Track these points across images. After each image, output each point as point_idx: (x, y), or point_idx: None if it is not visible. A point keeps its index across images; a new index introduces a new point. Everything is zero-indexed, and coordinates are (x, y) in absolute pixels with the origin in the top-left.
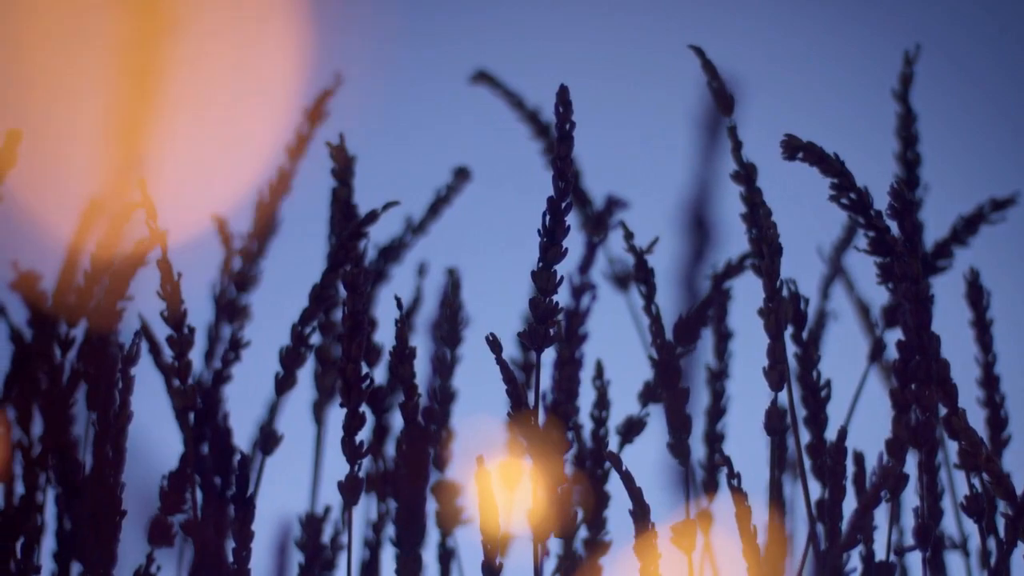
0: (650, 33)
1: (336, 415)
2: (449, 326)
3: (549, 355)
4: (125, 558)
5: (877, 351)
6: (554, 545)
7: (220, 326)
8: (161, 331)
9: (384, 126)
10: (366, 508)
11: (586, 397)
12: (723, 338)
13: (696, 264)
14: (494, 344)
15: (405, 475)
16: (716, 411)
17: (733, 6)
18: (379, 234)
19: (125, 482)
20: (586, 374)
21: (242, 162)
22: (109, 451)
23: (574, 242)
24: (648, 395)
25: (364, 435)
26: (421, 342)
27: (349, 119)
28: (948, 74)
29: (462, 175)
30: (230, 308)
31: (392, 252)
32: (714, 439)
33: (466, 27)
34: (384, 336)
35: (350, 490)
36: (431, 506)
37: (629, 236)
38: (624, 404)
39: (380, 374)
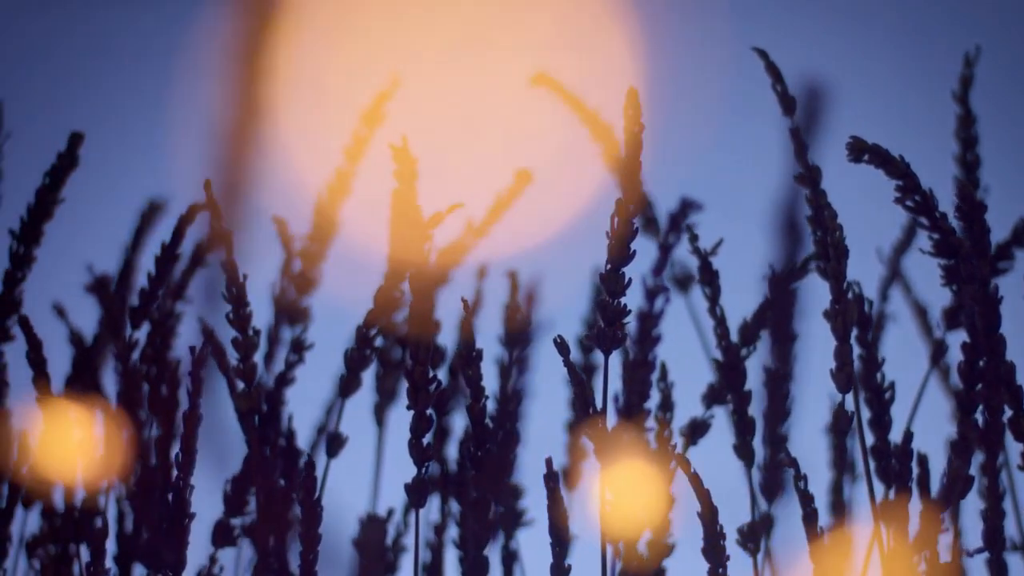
0: (715, 36)
1: (396, 416)
2: (508, 329)
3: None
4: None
5: (939, 353)
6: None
7: (279, 328)
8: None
9: (441, 127)
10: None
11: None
12: (786, 340)
13: (789, 266)
14: (562, 346)
15: (475, 477)
16: (779, 413)
17: (794, 7)
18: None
19: (194, 485)
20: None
21: (302, 164)
22: (178, 453)
23: (643, 244)
24: (713, 397)
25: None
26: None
27: (406, 121)
28: (1008, 76)
29: (524, 177)
30: (291, 310)
31: (453, 255)
32: (777, 441)
33: (524, 28)
34: (443, 338)
35: (417, 492)
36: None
37: (694, 238)
38: (686, 406)
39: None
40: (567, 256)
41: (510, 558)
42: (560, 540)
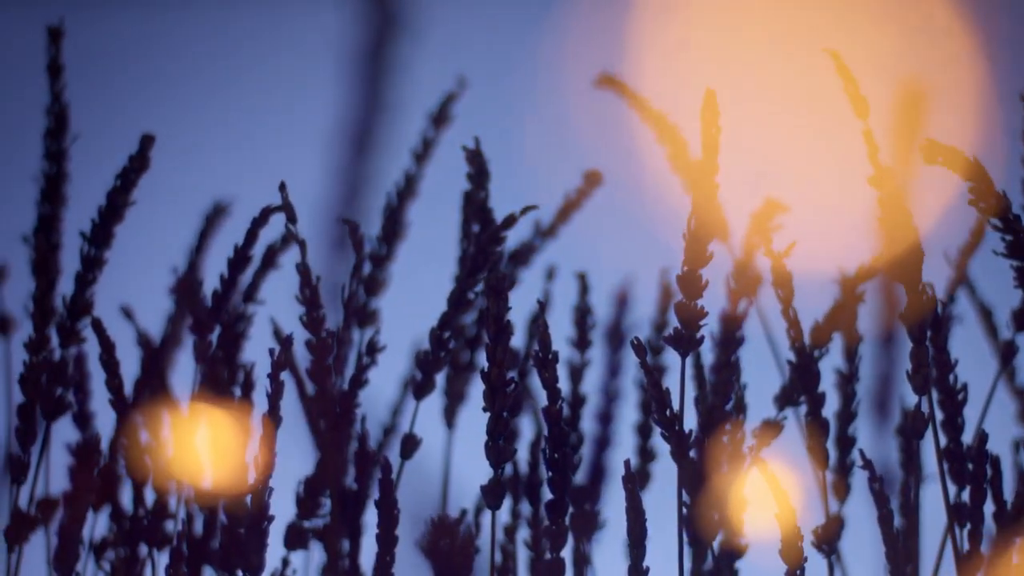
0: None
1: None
2: (579, 330)
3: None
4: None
5: (1008, 355)
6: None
7: (348, 330)
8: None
9: (506, 129)
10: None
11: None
12: (852, 341)
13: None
14: (639, 349)
15: (552, 479)
16: (847, 414)
17: (856, 8)
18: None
19: (273, 487)
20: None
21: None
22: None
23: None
24: (785, 399)
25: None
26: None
27: (473, 122)
28: None
29: (593, 179)
30: (360, 312)
31: (522, 256)
32: (846, 442)
33: (592, 29)
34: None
35: (494, 494)
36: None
37: (749, 238)
38: (756, 408)
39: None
40: (634, 257)
41: (582, 560)
42: (638, 542)
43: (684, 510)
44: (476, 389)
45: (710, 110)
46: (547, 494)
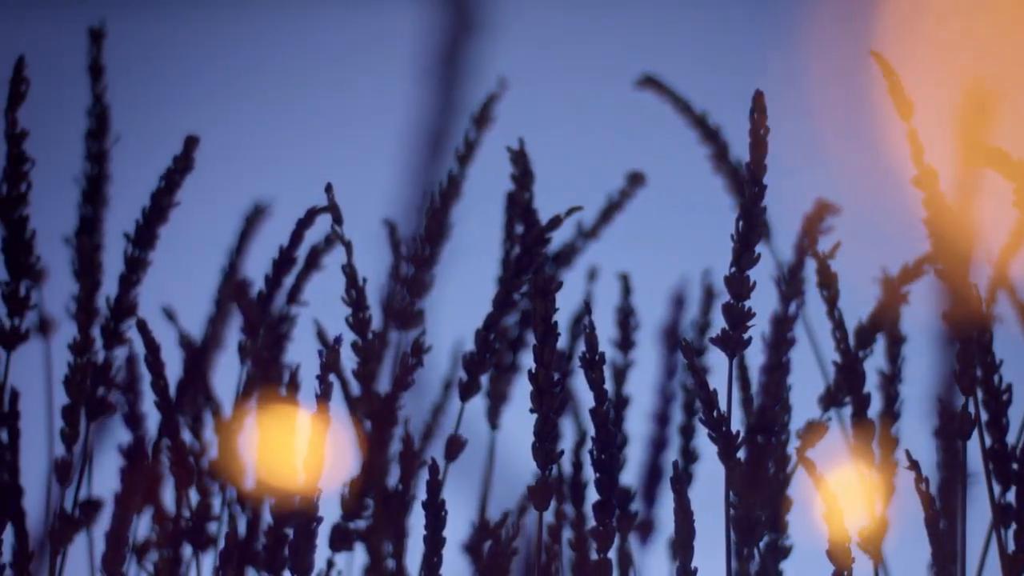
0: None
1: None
2: (622, 331)
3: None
4: None
5: None
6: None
7: (388, 332)
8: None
9: (546, 130)
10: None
11: None
12: (896, 342)
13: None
14: (687, 350)
15: (599, 480)
16: (890, 415)
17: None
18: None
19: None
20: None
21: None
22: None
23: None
24: (830, 400)
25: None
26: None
27: (515, 123)
28: None
29: (636, 180)
30: (403, 314)
31: (564, 257)
32: (888, 443)
33: (632, 30)
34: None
35: (541, 495)
36: None
37: (800, 240)
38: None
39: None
40: (676, 259)
41: (626, 560)
42: (686, 543)
43: (732, 511)
44: (519, 390)
45: (759, 111)
46: (593, 495)
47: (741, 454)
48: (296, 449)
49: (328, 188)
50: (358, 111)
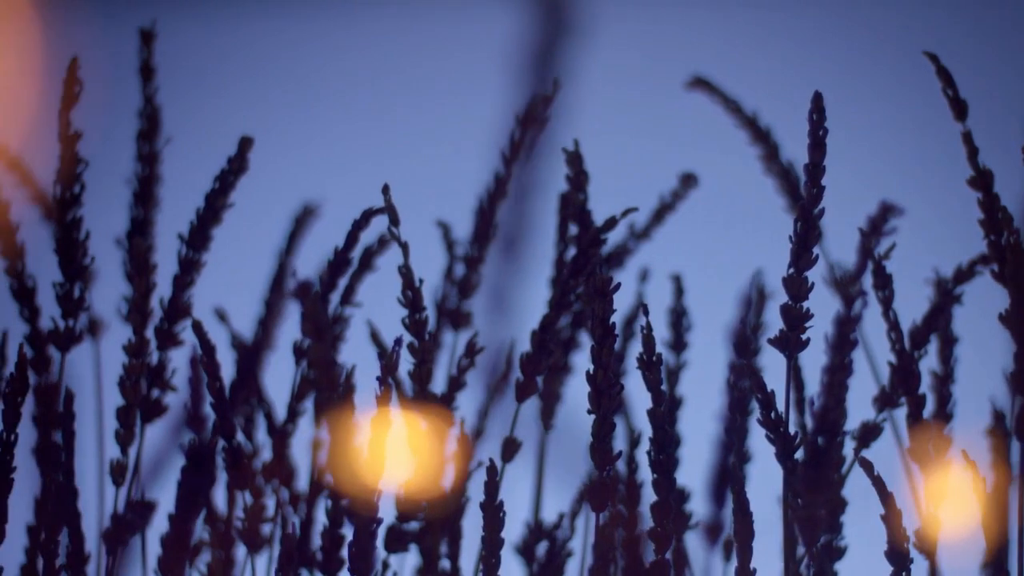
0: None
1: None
2: (674, 332)
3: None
4: None
5: None
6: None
7: (440, 332)
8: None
9: (594, 130)
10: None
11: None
12: (948, 343)
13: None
14: (745, 350)
15: (656, 481)
16: (943, 416)
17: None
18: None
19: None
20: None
21: (462, 168)
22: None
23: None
24: (884, 401)
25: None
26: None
27: (563, 124)
28: None
29: (689, 181)
30: (453, 315)
31: (616, 258)
32: (942, 444)
33: (677, 31)
34: None
35: (599, 496)
36: None
37: (865, 241)
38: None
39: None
40: (727, 259)
41: (681, 560)
42: (745, 543)
43: (789, 511)
44: (570, 390)
45: (818, 112)
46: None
47: (798, 455)
48: (353, 450)
49: (385, 189)
50: (424, 113)
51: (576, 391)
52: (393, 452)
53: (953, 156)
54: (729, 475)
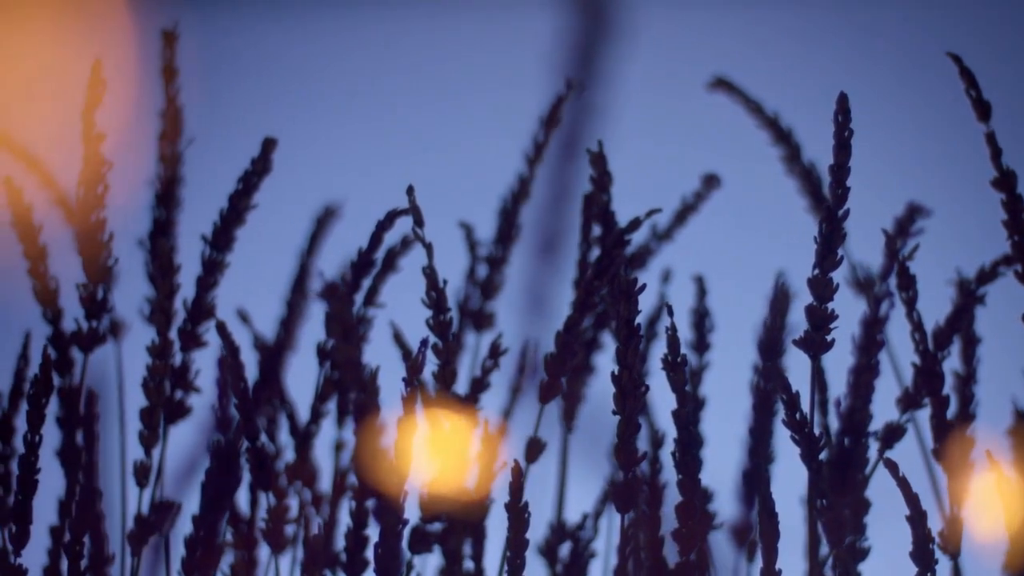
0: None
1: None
2: (697, 333)
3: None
4: None
5: None
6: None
7: (463, 333)
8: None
9: (618, 131)
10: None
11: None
12: (971, 344)
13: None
14: (768, 351)
15: (681, 482)
16: (965, 416)
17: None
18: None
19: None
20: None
21: (485, 169)
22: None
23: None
24: (908, 402)
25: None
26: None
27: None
28: None
29: (711, 182)
30: (476, 316)
31: (638, 259)
32: (965, 444)
33: (702, 33)
34: None
35: (625, 496)
36: None
37: (892, 242)
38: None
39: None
40: (749, 260)
41: (704, 561)
42: (771, 545)
43: (815, 512)
44: (592, 391)
45: (843, 113)
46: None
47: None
48: (379, 451)
49: (410, 190)
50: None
51: (598, 392)
52: (418, 453)
53: (976, 157)
54: (755, 476)
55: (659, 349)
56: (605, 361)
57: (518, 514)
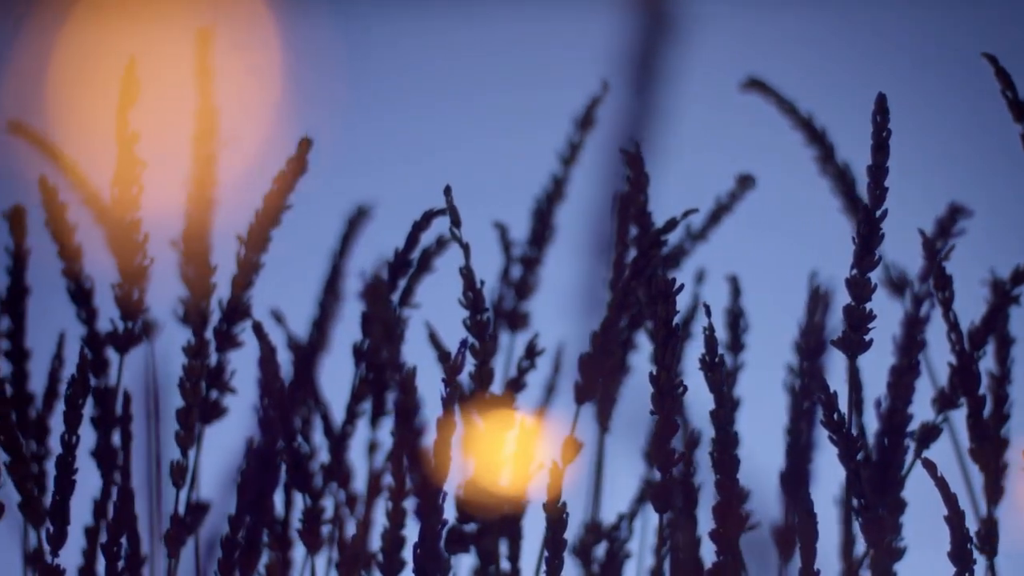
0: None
1: None
2: (732, 333)
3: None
4: None
5: None
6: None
7: (497, 334)
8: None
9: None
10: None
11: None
12: (1005, 344)
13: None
14: (805, 351)
15: (719, 482)
16: (999, 416)
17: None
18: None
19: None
20: (873, 380)
21: (518, 170)
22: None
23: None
24: (944, 402)
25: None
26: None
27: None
28: None
29: (746, 182)
30: (511, 316)
31: (672, 259)
32: (999, 444)
33: (733, 33)
34: None
35: (662, 497)
36: None
37: (931, 243)
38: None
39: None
40: (782, 261)
41: (738, 562)
42: (809, 545)
43: (851, 512)
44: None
45: (881, 113)
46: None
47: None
48: (419, 451)
49: (447, 191)
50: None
51: (633, 392)
52: (456, 453)
53: (1010, 157)
54: (794, 476)
55: (693, 350)
56: (639, 361)
57: (557, 514)
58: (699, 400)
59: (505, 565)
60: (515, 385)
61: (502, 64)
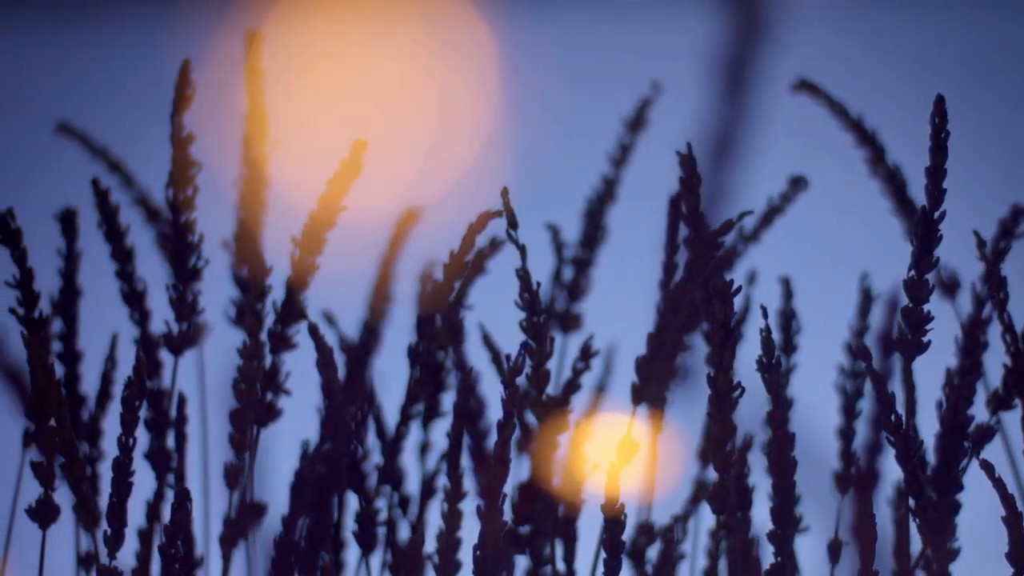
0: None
1: None
2: (784, 335)
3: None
4: None
5: None
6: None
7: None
8: None
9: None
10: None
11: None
12: None
13: None
14: (863, 352)
15: (775, 484)
16: None
17: None
18: None
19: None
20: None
21: (570, 172)
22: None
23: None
24: (998, 403)
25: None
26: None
27: (669, 127)
28: None
29: (798, 184)
30: (563, 318)
31: (725, 261)
32: None
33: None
34: None
35: (720, 499)
36: None
37: (982, 244)
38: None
39: None
40: (833, 262)
41: (791, 564)
42: (868, 546)
43: (907, 513)
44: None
45: (939, 115)
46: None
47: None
48: (480, 453)
49: (504, 192)
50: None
51: (686, 393)
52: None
53: None
54: (877, 476)
55: (745, 351)
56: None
57: (615, 515)
58: (747, 401)
59: (560, 566)
60: (571, 387)
61: (573, 66)
